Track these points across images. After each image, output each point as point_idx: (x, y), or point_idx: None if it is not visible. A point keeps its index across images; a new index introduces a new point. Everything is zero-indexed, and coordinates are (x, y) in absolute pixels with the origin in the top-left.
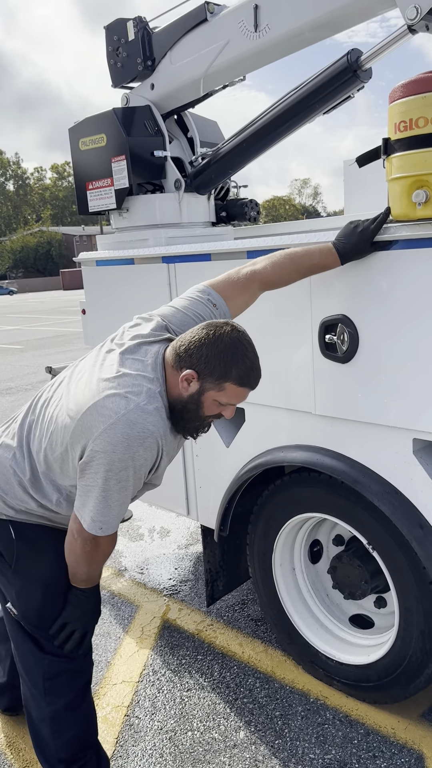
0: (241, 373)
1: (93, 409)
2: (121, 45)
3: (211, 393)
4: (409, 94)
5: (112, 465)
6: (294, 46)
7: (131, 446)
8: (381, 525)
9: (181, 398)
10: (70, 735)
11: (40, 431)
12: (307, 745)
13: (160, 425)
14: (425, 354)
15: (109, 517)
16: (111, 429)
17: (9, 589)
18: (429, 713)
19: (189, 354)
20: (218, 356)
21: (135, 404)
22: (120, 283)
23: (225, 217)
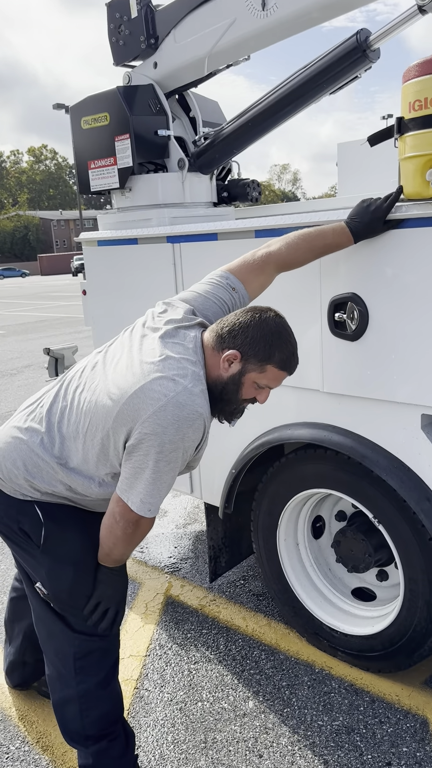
0: (284, 357)
1: (140, 392)
2: (123, 23)
3: (252, 374)
4: (425, 73)
5: (163, 447)
6: (301, 26)
7: (181, 428)
8: (387, 499)
9: (221, 379)
10: (100, 712)
11: (76, 416)
12: (315, 713)
13: (206, 407)
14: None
15: (158, 498)
16: (161, 411)
17: (38, 570)
18: (431, 681)
19: (233, 335)
20: (263, 339)
21: (183, 387)
22: (123, 263)
23: (226, 198)
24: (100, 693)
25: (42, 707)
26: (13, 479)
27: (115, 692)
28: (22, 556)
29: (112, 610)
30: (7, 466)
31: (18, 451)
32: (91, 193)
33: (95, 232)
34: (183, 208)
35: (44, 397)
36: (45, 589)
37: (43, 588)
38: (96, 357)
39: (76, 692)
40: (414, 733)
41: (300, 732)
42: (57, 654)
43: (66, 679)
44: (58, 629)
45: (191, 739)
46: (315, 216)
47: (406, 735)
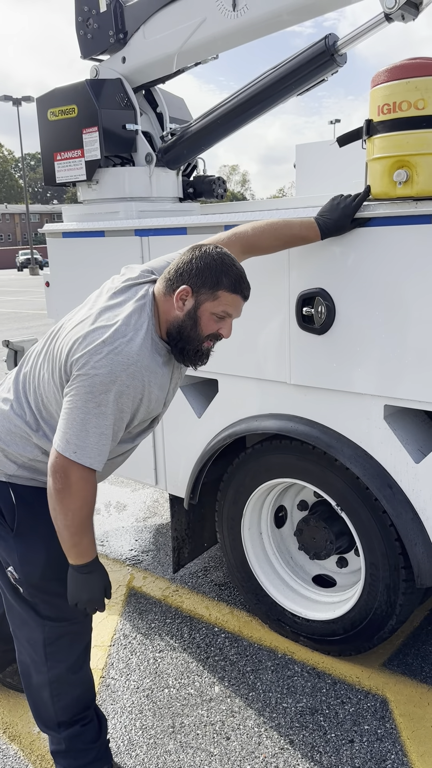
0: (232, 280)
1: (82, 339)
2: (92, 16)
3: (207, 305)
4: (394, 78)
5: (93, 387)
6: (271, 28)
7: (114, 371)
8: (350, 487)
9: (178, 319)
10: (71, 697)
11: (35, 379)
12: (279, 696)
13: (144, 355)
14: (398, 326)
15: (86, 442)
16: (96, 353)
17: (11, 554)
18: (389, 662)
19: (180, 273)
20: (208, 267)
21: (122, 333)
22: (88, 255)
23: (192, 194)
24: (71, 678)
25: (7, 698)
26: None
27: (86, 677)
28: None
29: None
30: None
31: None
32: (57, 185)
33: (60, 224)
34: (149, 203)
35: (12, 371)
36: (16, 574)
37: (14, 572)
38: (59, 323)
39: (47, 678)
40: (374, 712)
41: (266, 714)
42: (28, 640)
43: (37, 665)
44: (28, 616)
45: (159, 725)
46: (285, 213)
47: (367, 714)
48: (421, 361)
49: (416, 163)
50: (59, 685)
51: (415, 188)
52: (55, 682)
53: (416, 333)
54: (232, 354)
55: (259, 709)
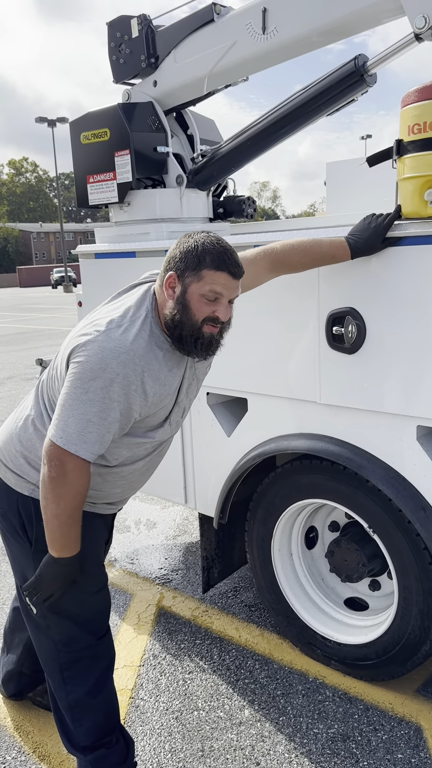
0: (215, 257)
1: (77, 336)
2: (124, 42)
3: (193, 287)
4: (424, 98)
5: (83, 374)
6: (301, 50)
7: (105, 358)
8: (383, 508)
9: (170, 307)
10: (92, 722)
11: (50, 389)
12: (310, 721)
13: (139, 345)
14: (431, 346)
15: (70, 427)
16: (90, 343)
17: (28, 571)
18: (423, 688)
19: (167, 262)
20: (190, 250)
21: (116, 324)
22: (120, 276)
23: (222, 214)
24: (91, 702)
25: (37, 717)
26: (14, 461)
27: (107, 701)
28: (16, 557)
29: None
30: (8, 448)
31: (14, 429)
32: (90, 207)
33: (92, 245)
34: (180, 223)
35: None
36: None
37: None
38: None
39: (67, 702)
40: (408, 740)
41: (296, 740)
42: (47, 665)
43: (57, 690)
44: (42, 640)
45: (188, 748)
46: (315, 232)
47: (400, 742)
48: None
49: None
50: (79, 710)
51: None
52: (75, 706)
53: None
54: (261, 373)
55: (289, 734)
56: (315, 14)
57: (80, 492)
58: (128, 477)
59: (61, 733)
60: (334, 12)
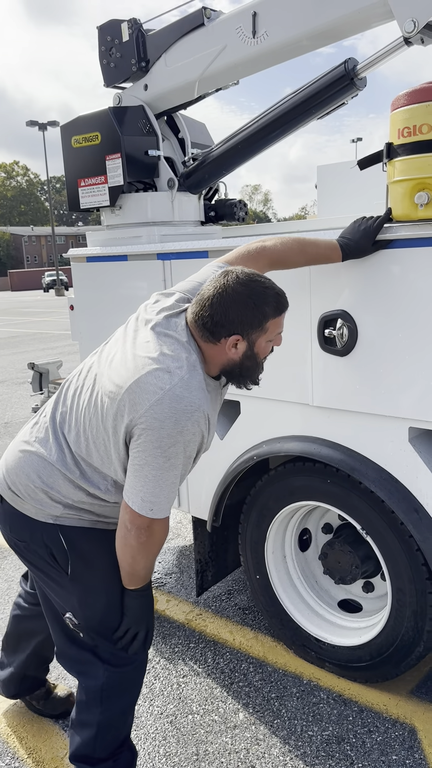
0: (274, 304)
1: (136, 386)
2: (114, 45)
3: (260, 340)
4: (414, 102)
5: (161, 441)
6: (291, 53)
7: (179, 421)
8: (376, 510)
9: (235, 362)
10: (112, 737)
11: (76, 420)
12: (305, 723)
13: (204, 398)
14: (422, 347)
15: (160, 497)
16: (158, 405)
17: (69, 599)
18: (417, 689)
19: (221, 325)
20: (246, 307)
21: (179, 378)
22: (112, 279)
23: (214, 217)
24: (121, 719)
25: (31, 723)
26: (32, 495)
27: (132, 717)
28: (51, 586)
29: (142, 632)
30: (23, 482)
31: (30, 464)
32: (81, 210)
33: (84, 249)
34: (172, 227)
35: (46, 406)
36: (76, 620)
37: (74, 618)
38: (92, 358)
39: (97, 720)
40: (403, 741)
41: (291, 743)
42: (84, 683)
43: (90, 706)
44: (85, 659)
45: (183, 752)
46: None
47: (395, 743)
48: None
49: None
50: (108, 728)
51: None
52: (105, 725)
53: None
54: None
55: (284, 737)
56: (304, 18)
57: (163, 540)
58: None
59: (72, 743)
60: (323, 16)
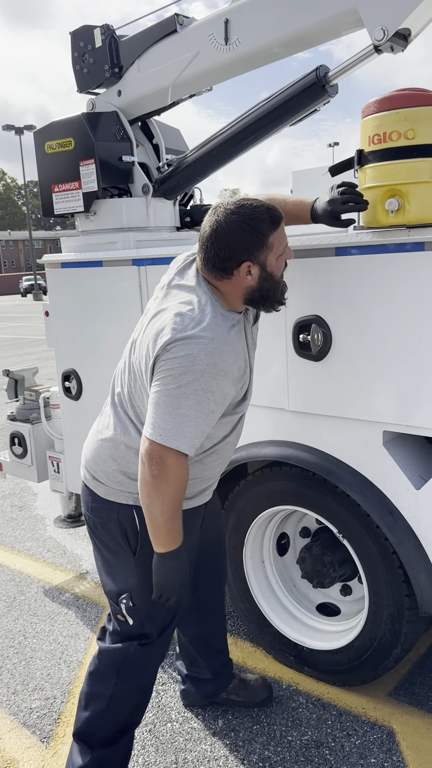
0: (268, 220)
1: (156, 337)
2: (87, 51)
3: (269, 257)
4: (384, 109)
5: (173, 371)
6: (263, 60)
7: (191, 353)
8: (352, 514)
9: (254, 288)
10: (120, 715)
11: (129, 393)
12: (284, 729)
13: (219, 331)
14: (394, 352)
15: (168, 424)
16: (173, 346)
17: (130, 578)
18: (395, 692)
19: (226, 258)
20: (243, 232)
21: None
22: (87, 285)
23: (189, 222)
24: (134, 698)
25: None
26: (113, 478)
27: (145, 700)
28: (118, 567)
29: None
30: (103, 468)
31: (104, 450)
32: (55, 216)
33: (59, 255)
34: (147, 232)
35: (108, 396)
36: (132, 601)
37: (130, 601)
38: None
39: (110, 693)
40: (381, 744)
41: (270, 748)
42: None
43: (106, 678)
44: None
45: (162, 761)
46: None
47: (373, 746)
48: (418, 387)
49: (408, 191)
50: (119, 703)
51: (407, 216)
52: (117, 699)
53: (412, 359)
54: None
55: (263, 742)
56: (276, 26)
57: (182, 486)
58: (223, 454)
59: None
60: (294, 24)
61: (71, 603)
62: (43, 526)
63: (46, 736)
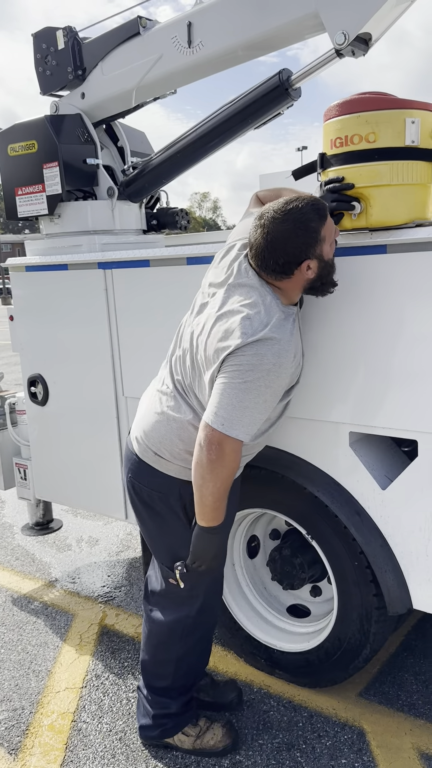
0: (316, 216)
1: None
2: (50, 53)
3: (324, 249)
4: (345, 113)
5: (241, 366)
6: (227, 63)
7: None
8: (320, 515)
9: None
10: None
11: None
12: (255, 732)
13: (283, 329)
14: (361, 353)
15: (232, 414)
16: (246, 347)
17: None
18: (366, 691)
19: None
20: (298, 236)
21: (258, 321)
22: (52, 288)
23: (156, 225)
24: (198, 646)
25: None
26: (179, 456)
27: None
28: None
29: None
30: (168, 447)
31: (171, 430)
32: (19, 219)
33: (23, 258)
34: (113, 235)
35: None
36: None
37: (184, 567)
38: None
39: (177, 656)
40: (351, 745)
41: (242, 753)
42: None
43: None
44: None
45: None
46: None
47: (344, 747)
48: (384, 387)
49: (369, 195)
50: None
51: (369, 220)
52: (183, 657)
53: (379, 359)
54: None
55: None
56: (239, 29)
57: (234, 471)
58: (269, 432)
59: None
60: (257, 27)
61: (40, 611)
62: (11, 534)
63: (14, 748)
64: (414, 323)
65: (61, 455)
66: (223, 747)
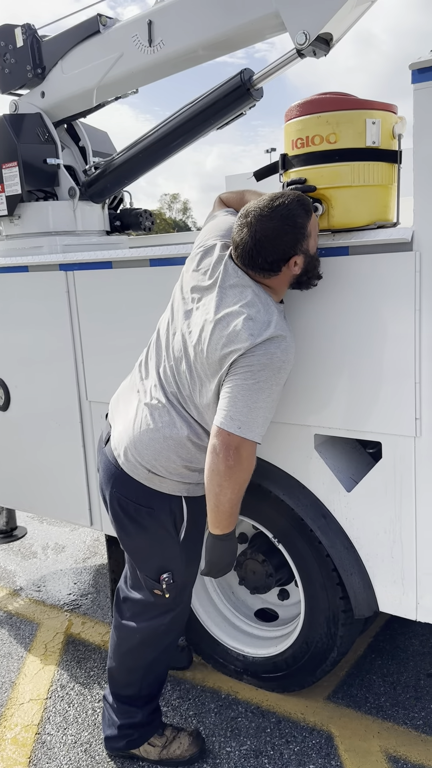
0: (303, 212)
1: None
2: (8, 51)
3: (310, 244)
4: (306, 113)
5: (251, 367)
6: (188, 63)
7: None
8: (286, 518)
9: (300, 273)
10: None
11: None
12: (223, 740)
13: (284, 328)
14: (324, 356)
15: (248, 417)
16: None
17: (173, 560)
18: (334, 695)
19: (274, 261)
20: (286, 233)
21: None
22: (12, 291)
23: (119, 227)
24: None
25: None
26: (173, 472)
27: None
28: (160, 551)
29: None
30: (164, 464)
31: (167, 447)
32: None
33: None
34: (75, 236)
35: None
36: (174, 578)
37: (171, 578)
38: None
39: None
40: (320, 749)
41: (209, 761)
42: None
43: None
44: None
45: None
46: None
47: (312, 752)
48: (348, 390)
49: (331, 196)
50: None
51: (331, 221)
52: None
53: (342, 361)
54: None
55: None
56: (199, 28)
57: (251, 474)
58: None
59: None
60: (217, 27)
61: (4, 621)
62: None
63: None
64: (377, 325)
65: (24, 461)
66: (189, 756)
